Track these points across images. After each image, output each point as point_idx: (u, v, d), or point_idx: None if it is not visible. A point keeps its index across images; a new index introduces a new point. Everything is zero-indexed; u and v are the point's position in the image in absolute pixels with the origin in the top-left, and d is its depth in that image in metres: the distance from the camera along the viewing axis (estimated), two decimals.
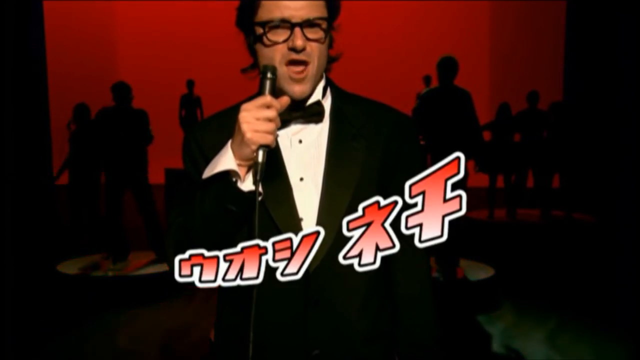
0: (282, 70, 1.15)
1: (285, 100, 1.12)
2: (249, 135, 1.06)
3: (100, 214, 6.22)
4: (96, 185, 6.28)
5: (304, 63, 1.15)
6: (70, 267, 5.45)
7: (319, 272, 1.18)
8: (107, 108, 5.64)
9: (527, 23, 11.20)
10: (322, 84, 1.26)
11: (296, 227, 1.18)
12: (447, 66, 4.91)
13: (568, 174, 7.75)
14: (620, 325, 4.39)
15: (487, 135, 7.64)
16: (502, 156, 7.53)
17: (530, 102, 7.77)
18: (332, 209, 1.19)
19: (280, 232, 1.16)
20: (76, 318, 4.77)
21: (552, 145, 7.55)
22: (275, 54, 1.14)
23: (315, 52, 1.16)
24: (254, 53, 1.21)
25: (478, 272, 5.18)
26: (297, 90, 1.17)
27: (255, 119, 1.06)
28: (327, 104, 1.26)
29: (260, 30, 1.15)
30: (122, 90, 5.58)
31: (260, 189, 1.10)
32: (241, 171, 1.11)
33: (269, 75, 1.11)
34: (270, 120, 1.07)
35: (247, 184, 1.12)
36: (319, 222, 1.18)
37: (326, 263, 1.17)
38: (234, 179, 1.12)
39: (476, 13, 11.54)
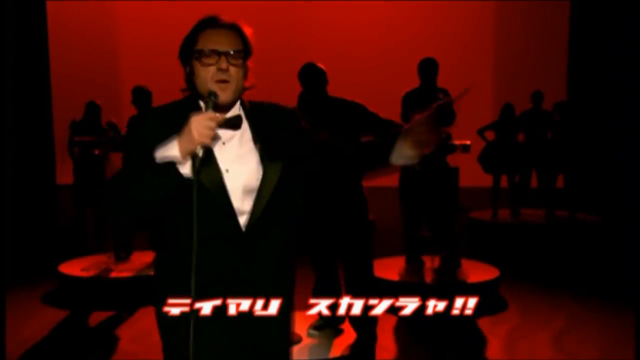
0: (213, 86, 1.67)
1: (222, 115, 1.66)
2: (196, 136, 1.54)
3: None
4: (101, 185, 6.26)
5: (226, 81, 1.68)
6: (72, 267, 5.43)
7: (252, 229, 1.71)
8: (135, 117, 5.60)
9: (532, 23, 11.14)
10: (239, 103, 1.77)
11: (222, 188, 1.68)
12: (427, 67, 5.13)
13: (572, 174, 7.71)
14: (626, 326, 4.36)
15: (490, 135, 7.62)
16: (506, 156, 7.49)
17: (535, 102, 7.74)
18: (265, 188, 1.71)
19: (214, 198, 1.66)
20: (77, 318, 4.76)
21: (556, 145, 7.51)
22: (207, 72, 1.68)
23: (234, 74, 1.69)
24: (189, 81, 1.75)
25: (482, 272, 5.16)
26: (222, 96, 1.67)
27: (202, 126, 1.55)
28: (242, 115, 1.77)
29: (197, 55, 1.70)
30: (144, 96, 5.57)
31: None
32: (183, 160, 1.59)
33: (212, 98, 1.64)
34: (211, 128, 1.56)
35: (185, 169, 1.58)
36: (258, 196, 1.70)
37: (257, 224, 1.71)
38: (177, 164, 1.58)
39: (481, 13, 11.49)
